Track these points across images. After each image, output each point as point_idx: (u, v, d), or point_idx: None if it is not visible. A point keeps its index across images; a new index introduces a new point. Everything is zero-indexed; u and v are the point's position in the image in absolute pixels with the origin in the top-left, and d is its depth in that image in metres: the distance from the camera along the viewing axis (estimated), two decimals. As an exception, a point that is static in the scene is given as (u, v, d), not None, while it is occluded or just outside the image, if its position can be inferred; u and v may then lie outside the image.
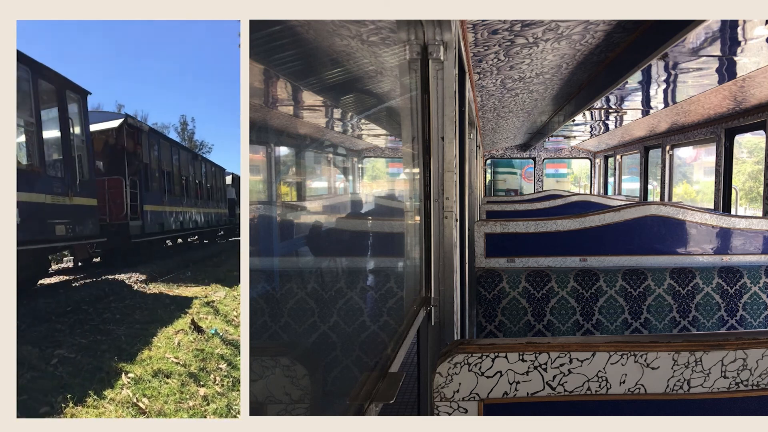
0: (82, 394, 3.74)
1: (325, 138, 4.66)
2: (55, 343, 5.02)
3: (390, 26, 2.23)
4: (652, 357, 1.25)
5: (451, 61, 2.23)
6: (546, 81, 4.65)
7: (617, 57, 3.62)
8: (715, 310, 3.03)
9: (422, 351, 2.39)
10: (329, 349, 2.58)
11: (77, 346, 4.94)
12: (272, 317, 2.41)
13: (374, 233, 3.06)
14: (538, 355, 1.25)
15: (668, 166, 7.10)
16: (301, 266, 2.52)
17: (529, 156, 11.83)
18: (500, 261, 3.17)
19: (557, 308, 2.95)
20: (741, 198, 13.15)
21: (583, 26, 2.97)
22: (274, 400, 1.20)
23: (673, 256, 3.21)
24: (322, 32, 1.98)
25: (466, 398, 1.26)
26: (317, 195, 4.35)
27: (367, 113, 4.11)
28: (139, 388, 3.93)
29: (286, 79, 1.89)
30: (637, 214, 3.23)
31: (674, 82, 3.99)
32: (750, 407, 1.27)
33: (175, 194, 14.33)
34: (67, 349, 4.84)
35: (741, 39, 2.74)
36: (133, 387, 3.95)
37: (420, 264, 2.33)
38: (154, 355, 4.70)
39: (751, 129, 5.05)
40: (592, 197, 6.82)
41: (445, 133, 2.26)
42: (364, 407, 1.34)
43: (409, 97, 2.30)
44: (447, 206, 2.31)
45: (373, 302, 2.68)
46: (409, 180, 2.44)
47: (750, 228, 3.23)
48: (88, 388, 3.85)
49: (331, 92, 2.82)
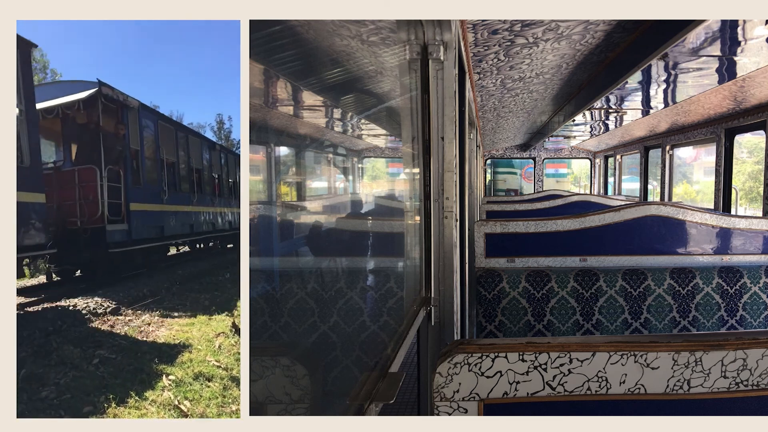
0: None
1: (325, 138, 4.67)
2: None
3: (390, 26, 2.23)
4: (652, 357, 1.25)
5: (451, 61, 2.23)
6: (546, 81, 4.65)
7: (617, 57, 3.62)
8: (715, 310, 3.03)
9: (422, 351, 2.39)
10: (329, 349, 2.58)
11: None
12: (272, 317, 2.41)
13: (374, 233, 3.06)
14: (538, 355, 1.25)
15: (668, 166, 7.10)
16: (301, 266, 2.52)
17: (529, 156, 11.83)
18: (500, 261, 3.17)
19: (557, 308, 2.95)
20: (741, 198, 13.16)
21: (583, 26, 2.97)
22: (274, 400, 1.20)
23: (673, 256, 3.21)
24: (322, 32, 1.98)
25: (466, 398, 1.26)
26: (317, 195, 4.35)
27: (367, 113, 4.11)
28: (180, 390, 3.93)
29: (286, 79, 1.89)
30: (637, 214, 3.23)
31: (674, 82, 3.99)
32: (750, 407, 1.27)
33: (183, 191, 11.60)
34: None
35: (741, 39, 2.74)
36: (174, 389, 3.94)
37: (420, 264, 2.33)
38: (194, 358, 4.67)
39: (751, 129, 5.05)
40: (592, 197, 6.82)
41: (445, 133, 2.26)
42: (364, 407, 1.34)
43: (409, 97, 2.30)
44: (447, 206, 2.31)
45: (373, 302, 2.68)
46: (409, 180, 2.44)
47: (750, 228, 3.23)
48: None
49: (331, 92, 2.82)
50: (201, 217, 12.71)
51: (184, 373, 4.26)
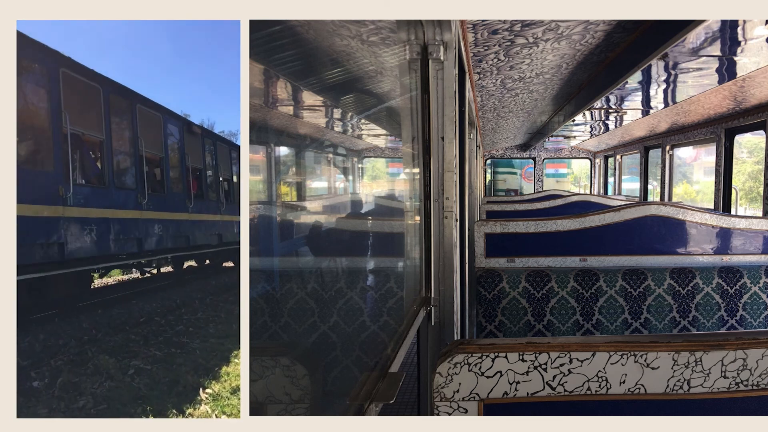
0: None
1: (325, 138, 4.67)
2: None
3: (390, 26, 2.23)
4: (652, 357, 1.25)
5: (451, 61, 2.23)
6: (546, 81, 4.65)
7: (617, 57, 3.62)
8: (715, 310, 3.03)
9: (422, 351, 2.39)
10: (329, 349, 2.58)
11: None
12: (272, 317, 2.41)
13: (374, 233, 3.06)
14: (538, 355, 1.25)
15: (668, 166, 7.10)
16: (301, 266, 2.52)
17: (529, 156, 11.83)
18: (500, 261, 3.17)
19: (557, 308, 2.95)
20: (741, 198, 13.15)
21: (583, 26, 2.97)
22: (274, 400, 1.20)
23: (673, 256, 3.21)
24: (322, 32, 1.98)
25: (466, 398, 1.26)
26: (317, 195, 4.35)
27: (367, 113, 4.11)
28: (218, 404, 3.93)
29: (286, 79, 1.89)
30: (637, 214, 3.23)
31: (674, 82, 3.99)
32: (750, 407, 1.27)
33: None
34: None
35: (741, 39, 2.74)
36: (211, 403, 3.94)
37: (420, 264, 2.33)
38: (232, 372, 4.67)
39: (751, 129, 5.05)
40: (592, 197, 6.82)
41: (445, 133, 2.26)
42: (364, 407, 1.34)
43: (409, 97, 2.30)
44: (447, 206, 2.31)
45: (373, 302, 2.68)
46: (409, 180, 2.44)
47: (750, 228, 3.23)
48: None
49: (331, 92, 2.82)
50: (175, 229, 9.88)
51: (221, 387, 4.26)
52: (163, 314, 6.92)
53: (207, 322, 6.61)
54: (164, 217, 9.22)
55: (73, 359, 4.91)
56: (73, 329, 6.01)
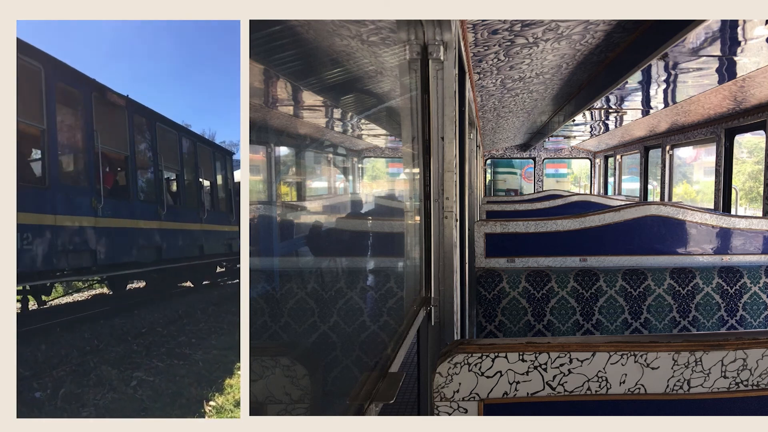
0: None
1: (325, 138, 4.67)
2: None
3: (390, 26, 2.23)
4: (652, 357, 1.25)
5: (451, 61, 2.23)
6: (546, 81, 4.65)
7: (617, 57, 3.62)
8: (715, 310, 3.03)
9: (422, 351, 2.39)
10: (329, 349, 2.58)
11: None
12: (272, 317, 2.41)
13: (374, 233, 3.06)
14: (538, 355, 1.25)
15: (668, 166, 7.10)
16: (301, 266, 2.52)
17: (529, 156, 11.83)
18: (500, 261, 3.17)
19: (557, 308, 2.95)
20: (741, 198, 13.15)
21: (583, 26, 2.97)
22: (274, 400, 1.20)
23: (673, 256, 3.21)
24: (322, 32, 1.98)
25: (466, 398, 1.26)
26: (317, 195, 4.35)
27: (367, 113, 4.12)
28: (221, 417, 3.90)
29: (286, 79, 1.89)
30: (637, 214, 3.23)
31: (674, 82, 3.99)
32: (750, 407, 1.27)
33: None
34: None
35: (741, 39, 2.74)
36: (215, 416, 3.92)
37: (420, 264, 2.33)
38: (235, 384, 4.63)
39: (751, 129, 5.05)
40: (592, 197, 6.83)
41: (445, 133, 2.26)
42: (364, 407, 1.34)
43: (409, 97, 2.30)
44: (447, 206, 2.31)
45: (373, 302, 2.68)
46: (409, 180, 2.44)
47: (750, 228, 3.23)
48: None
49: (331, 92, 2.82)
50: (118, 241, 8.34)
51: (225, 400, 4.23)
52: (165, 325, 6.91)
53: (209, 333, 6.57)
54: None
55: (75, 369, 4.89)
56: (74, 339, 6.07)
